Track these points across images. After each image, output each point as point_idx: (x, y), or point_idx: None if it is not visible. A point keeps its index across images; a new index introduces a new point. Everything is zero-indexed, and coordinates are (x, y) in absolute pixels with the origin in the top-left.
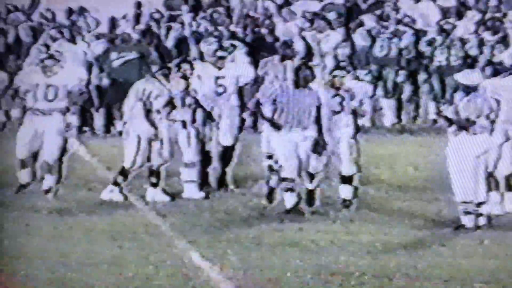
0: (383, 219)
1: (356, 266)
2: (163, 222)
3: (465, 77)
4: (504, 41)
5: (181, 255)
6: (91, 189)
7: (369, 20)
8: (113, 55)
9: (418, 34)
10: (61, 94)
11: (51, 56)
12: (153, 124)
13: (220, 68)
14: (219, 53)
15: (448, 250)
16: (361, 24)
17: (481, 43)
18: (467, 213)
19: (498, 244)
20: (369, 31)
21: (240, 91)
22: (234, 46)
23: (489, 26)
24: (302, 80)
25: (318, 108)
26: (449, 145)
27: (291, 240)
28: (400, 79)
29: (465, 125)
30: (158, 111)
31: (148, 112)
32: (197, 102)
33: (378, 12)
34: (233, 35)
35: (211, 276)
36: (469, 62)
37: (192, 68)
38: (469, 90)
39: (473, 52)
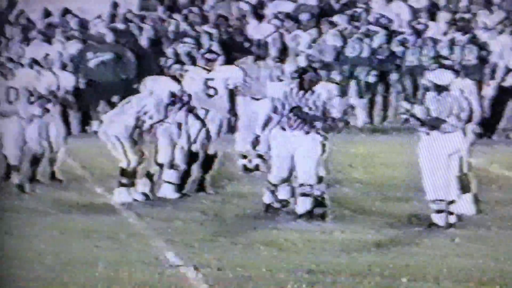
0: (358, 218)
1: (331, 265)
2: (139, 222)
3: (436, 76)
4: (474, 41)
5: (157, 254)
6: (68, 189)
7: (341, 21)
8: (89, 55)
9: (390, 35)
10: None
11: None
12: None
13: (209, 71)
14: (208, 56)
15: (421, 249)
16: (333, 24)
17: (452, 43)
18: (438, 211)
19: (470, 242)
20: (341, 32)
21: (230, 94)
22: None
23: (459, 27)
24: (307, 83)
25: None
26: (421, 144)
27: (266, 239)
28: (372, 79)
29: (436, 124)
30: (150, 128)
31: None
32: (189, 104)
33: (350, 12)
34: (209, 36)
35: (187, 275)
36: (440, 62)
37: (184, 70)
38: (440, 89)
39: (444, 52)
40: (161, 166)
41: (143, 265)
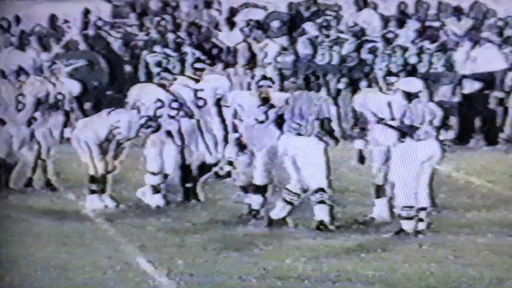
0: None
1: (300, 270)
2: (111, 228)
3: (406, 84)
4: (442, 49)
5: (129, 260)
6: (40, 195)
7: (311, 29)
8: (63, 62)
9: (360, 42)
10: None
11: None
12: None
13: (198, 81)
14: (197, 65)
15: (389, 255)
16: (303, 32)
17: (420, 51)
18: (408, 218)
19: (437, 248)
20: (310, 40)
21: (218, 103)
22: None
23: (428, 35)
24: (315, 85)
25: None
26: (394, 151)
27: (237, 245)
28: (341, 86)
29: (409, 132)
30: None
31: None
32: (181, 112)
33: (320, 20)
34: (179, 44)
35: (159, 281)
36: (408, 69)
37: (173, 78)
38: (410, 97)
39: (413, 60)
40: (153, 173)
41: (115, 271)
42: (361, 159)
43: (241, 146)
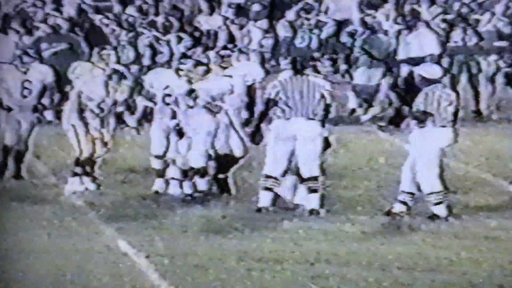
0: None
1: (279, 253)
2: (91, 211)
3: (426, 70)
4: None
5: (108, 242)
6: (21, 178)
7: (291, 12)
8: (44, 45)
9: (339, 26)
10: None
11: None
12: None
13: (225, 68)
14: (223, 52)
15: (367, 236)
16: (284, 15)
17: (398, 35)
18: (438, 203)
19: (416, 231)
20: (290, 23)
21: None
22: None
23: (406, 19)
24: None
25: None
26: (413, 137)
27: (216, 227)
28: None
29: (425, 118)
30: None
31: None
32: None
33: (301, 4)
34: (166, 27)
35: (138, 263)
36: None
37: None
38: (428, 83)
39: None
40: (158, 157)
41: (95, 254)
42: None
43: (180, 133)
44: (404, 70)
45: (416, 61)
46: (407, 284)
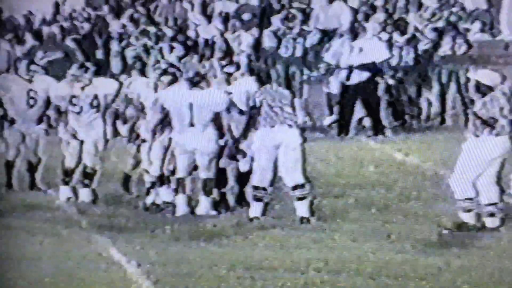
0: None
1: (270, 261)
2: (83, 219)
3: (484, 76)
4: (412, 41)
5: (101, 250)
6: (12, 186)
7: (276, 21)
8: (39, 54)
9: (325, 34)
10: None
11: None
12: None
13: (229, 84)
14: (229, 69)
15: (357, 244)
16: (270, 24)
17: (390, 44)
18: (492, 215)
19: (406, 238)
20: (274, 32)
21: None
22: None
23: (398, 27)
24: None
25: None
26: (468, 144)
27: (207, 235)
28: (306, 78)
29: (491, 124)
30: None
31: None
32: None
33: (285, 13)
34: (158, 36)
35: (130, 271)
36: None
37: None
38: (485, 90)
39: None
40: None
41: (87, 262)
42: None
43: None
44: (361, 76)
45: (369, 66)
46: None
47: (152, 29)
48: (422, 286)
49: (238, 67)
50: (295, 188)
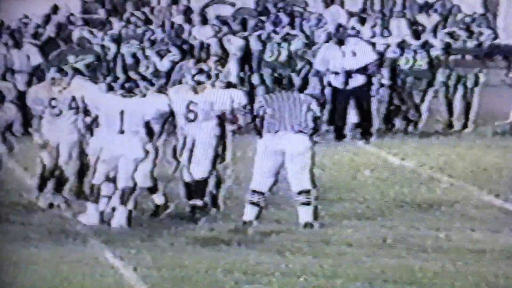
0: (290, 218)
1: (265, 265)
2: (78, 223)
3: None
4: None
5: (96, 254)
6: (8, 190)
7: (265, 25)
8: (71, 58)
9: (309, 39)
10: None
11: None
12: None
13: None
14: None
15: (352, 249)
16: (261, 28)
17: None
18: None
19: (401, 243)
20: (259, 36)
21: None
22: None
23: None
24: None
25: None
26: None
27: (203, 240)
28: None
29: None
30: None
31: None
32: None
33: (272, 17)
34: (153, 41)
35: (126, 275)
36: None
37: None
38: None
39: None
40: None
41: (83, 266)
42: None
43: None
44: (358, 79)
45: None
46: None
47: (147, 33)
48: None
49: (209, 76)
50: (300, 193)
